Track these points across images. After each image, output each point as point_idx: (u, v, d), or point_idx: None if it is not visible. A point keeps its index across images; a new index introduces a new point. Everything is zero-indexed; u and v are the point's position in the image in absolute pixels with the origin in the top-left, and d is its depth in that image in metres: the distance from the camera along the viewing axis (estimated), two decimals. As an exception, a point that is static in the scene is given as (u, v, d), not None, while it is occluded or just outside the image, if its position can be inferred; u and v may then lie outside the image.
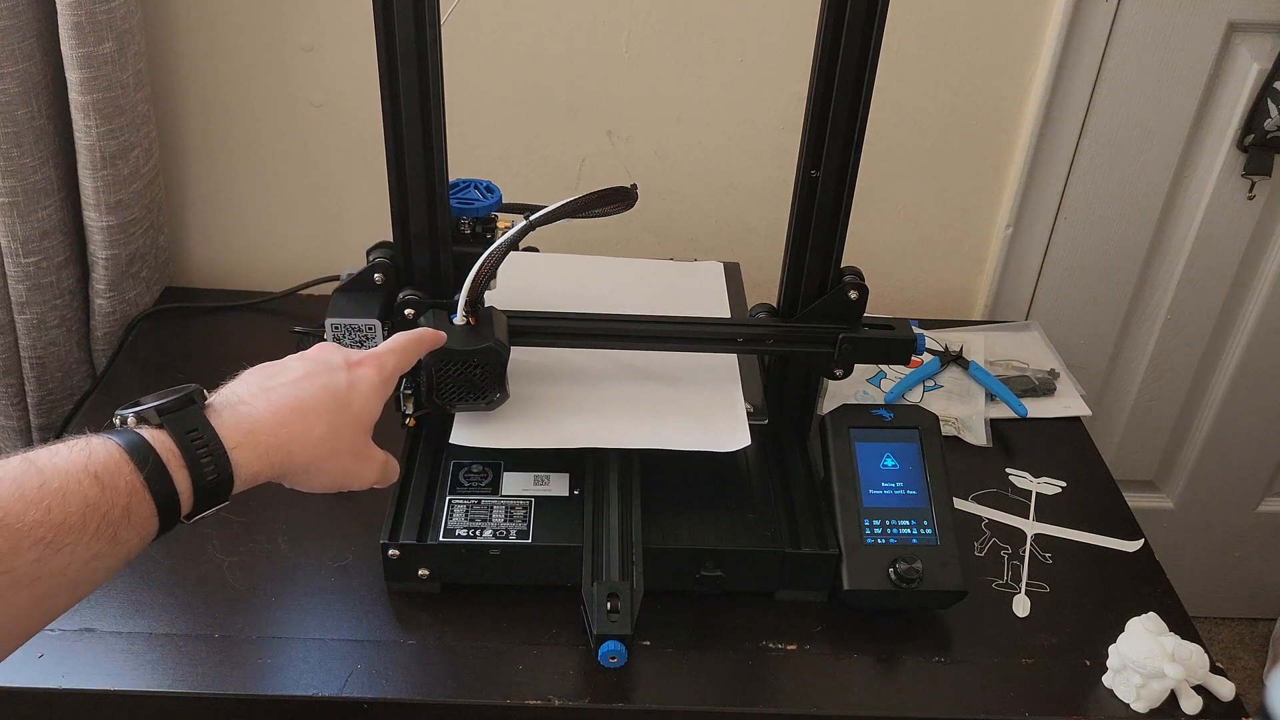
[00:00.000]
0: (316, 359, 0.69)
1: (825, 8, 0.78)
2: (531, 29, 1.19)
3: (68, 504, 0.53)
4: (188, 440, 0.59)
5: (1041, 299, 1.39)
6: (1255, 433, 1.53)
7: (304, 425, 0.64)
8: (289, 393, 0.65)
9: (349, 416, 0.68)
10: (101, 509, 0.54)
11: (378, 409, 0.71)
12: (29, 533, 0.51)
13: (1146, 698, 0.82)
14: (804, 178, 0.85)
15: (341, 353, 0.70)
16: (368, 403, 0.69)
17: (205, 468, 0.59)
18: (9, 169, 1.05)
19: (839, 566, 0.86)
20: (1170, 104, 1.25)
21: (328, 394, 0.67)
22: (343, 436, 0.67)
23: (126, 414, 0.60)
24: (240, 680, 0.79)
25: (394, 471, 0.74)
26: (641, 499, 0.87)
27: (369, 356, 0.71)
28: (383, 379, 0.71)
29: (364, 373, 0.70)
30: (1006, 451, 1.11)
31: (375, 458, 0.71)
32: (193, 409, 0.61)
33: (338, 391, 0.67)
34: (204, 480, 0.59)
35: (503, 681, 0.81)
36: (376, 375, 0.70)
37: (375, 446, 0.71)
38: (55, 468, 0.54)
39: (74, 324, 1.18)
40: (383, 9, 0.76)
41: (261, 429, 0.62)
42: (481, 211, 0.89)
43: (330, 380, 0.67)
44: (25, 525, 0.51)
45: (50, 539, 0.52)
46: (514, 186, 0.98)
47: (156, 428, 0.59)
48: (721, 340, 0.92)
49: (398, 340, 0.76)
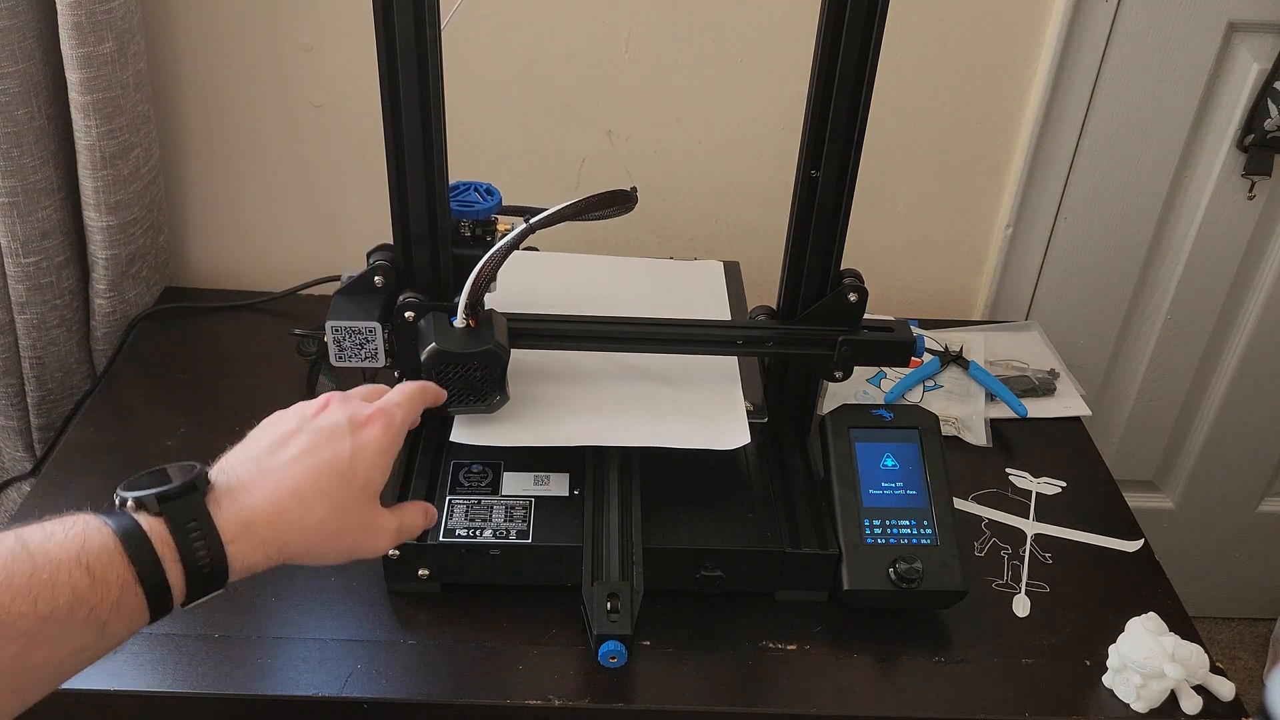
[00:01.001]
0: (320, 427, 0.66)
1: (825, 8, 0.78)
2: (531, 29, 1.19)
3: (56, 596, 0.51)
4: (185, 532, 0.57)
5: (1041, 299, 1.39)
6: (1255, 433, 1.53)
7: (302, 511, 0.62)
8: (288, 475, 0.63)
9: (353, 490, 0.65)
10: (91, 601, 0.53)
11: (386, 472, 0.68)
12: (13, 624, 0.50)
13: (1146, 698, 0.82)
14: (804, 178, 0.85)
15: (348, 410, 0.67)
16: (373, 470, 0.67)
17: (200, 561, 0.57)
18: (9, 169, 1.05)
19: (839, 566, 0.86)
20: (1170, 104, 1.25)
21: (329, 470, 0.64)
22: (347, 514, 0.65)
23: (126, 496, 0.58)
24: (240, 680, 0.79)
25: (414, 527, 0.72)
26: (641, 499, 0.87)
27: (377, 413, 0.68)
28: (391, 438, 0.68)
29: (370, 434, 0.67)
30: (1006, 451, 1.11)
31: (386, 527, 0.68)
32: (194, 497, 0.59)
33: (340, 465, 0.64)
34: (198, 574, 0.57)
35: (503, 681, 0.81)
36: (384, 435, 0.67)
37: (384, 513, 0.68)
38: (47, 555, 0.52)
39: (74, 324, 1.18)
40: (383, 9, 0.76)
41: (259, 519, 0.60)
42: (481, 214, 0.89)
43: (333, 453, 0.65)
44: (10, 617, 0.50)
45: (35, 631, 0.51)
46: (514, 186, 0.98)
47: (154, 515, 0.57)
48: (721, 342, 0.92)
49: (403, 392, 0.73)
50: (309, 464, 0.64)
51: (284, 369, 1.09)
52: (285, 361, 1.11)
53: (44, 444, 1.20)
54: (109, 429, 1.04)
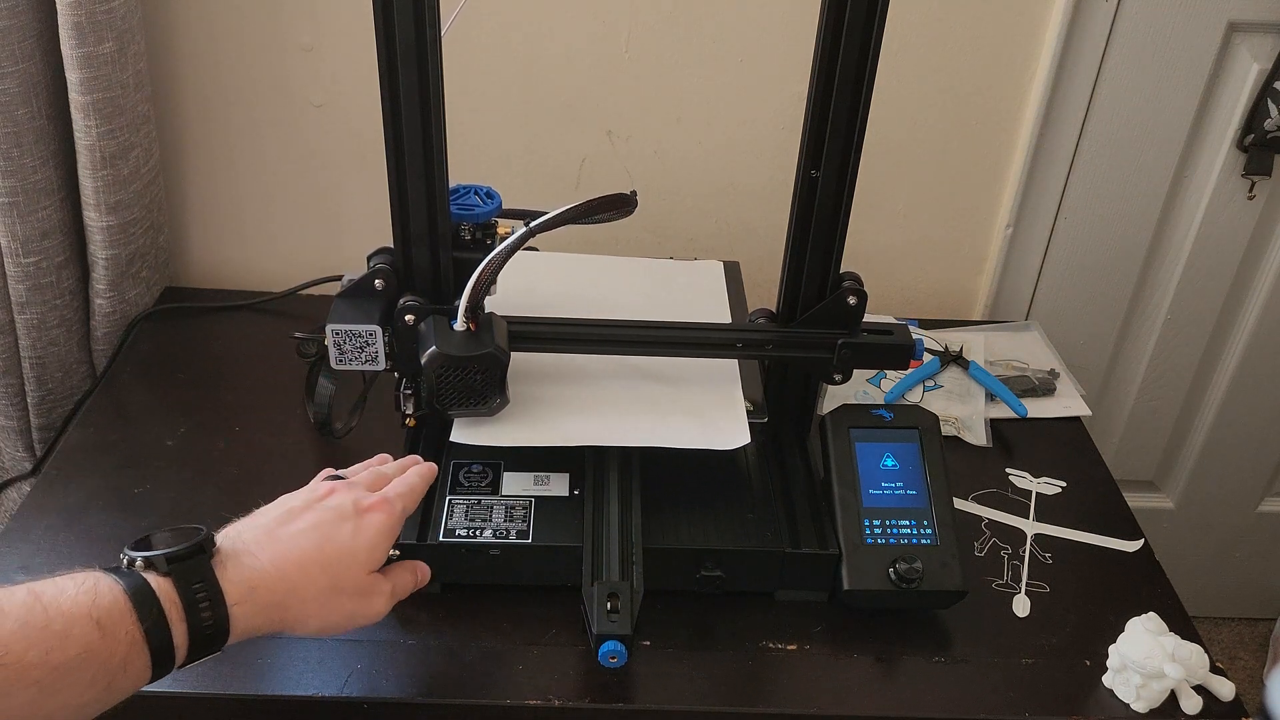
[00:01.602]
0: (328, 506, 0.70)
1: (825, 8, 0.78)
2: (531, 29, 1.19)
3: (68, 648, 0.53)
4: (191, 593, 0.60)
5: (1041, 299, 1.39)
6: (1255, 433, 1.53)
7: (305, 580, 0.66)
8: (295, 545, 0.67)
9: (354, 567, 0.69)
10: (101, 656, 0.55)
11: (385, 552, 0.72)
12: (27, 673, 0.52)
13: (1146, 698, 0.82)
14: (804, 178, 0.85)
15: (353, 496, 0.72)
16: (374, 550, 0.71)
17: (205, 622, 0.60)
18: (9, 169, 1.05)
19: (839, 566, 0.86)
20: (1170, 104, 1.25)
21: (333, 547, 0.68)
22: (344, 586, 0.69)
23: (136, 556, 0.60)
24: (240, 680, 0.79)
25: (405, 587, 0.75)
26: (641, 499, 0.87)
27: (380, 501, 0.72)
28: (391, 525, 0.72)
29: (374, 519, 0.71)
30: (1006, 451, 1.11)
31: (382, 591, 0.72)
32: (201, 559, 0.61)
33: (344, 543, 0.69)
34: (202, 634, 0.60)
35: (503, 681, 0.81)
36: (386, 520, 0.72)
37: (379, 577, 0.72)
38: (60, 609, 0.54)
39: (74, 324, 1.18)
40: (383, 9, 0.76)
41: (263, 584, 0.64)
42: (481, 217, 0.89)
43: (337, 531, 0.69)
44: (24, 666, 0.52)
45: (47, 682, 0.52)
46: (514, 186, 0.98)
47: (163, 575, 0.60)
48: (721, 346, 0.92)
49: (407, 482, 0.76)
50: (316, 538, 0.68)
51: (284, 369, 1.09)
52: (285, 362, 1.11)
53: (44, 444, 1.20)
54: (109, 429, 1.04)
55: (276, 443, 1.03)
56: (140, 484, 0.97)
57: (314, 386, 1.01)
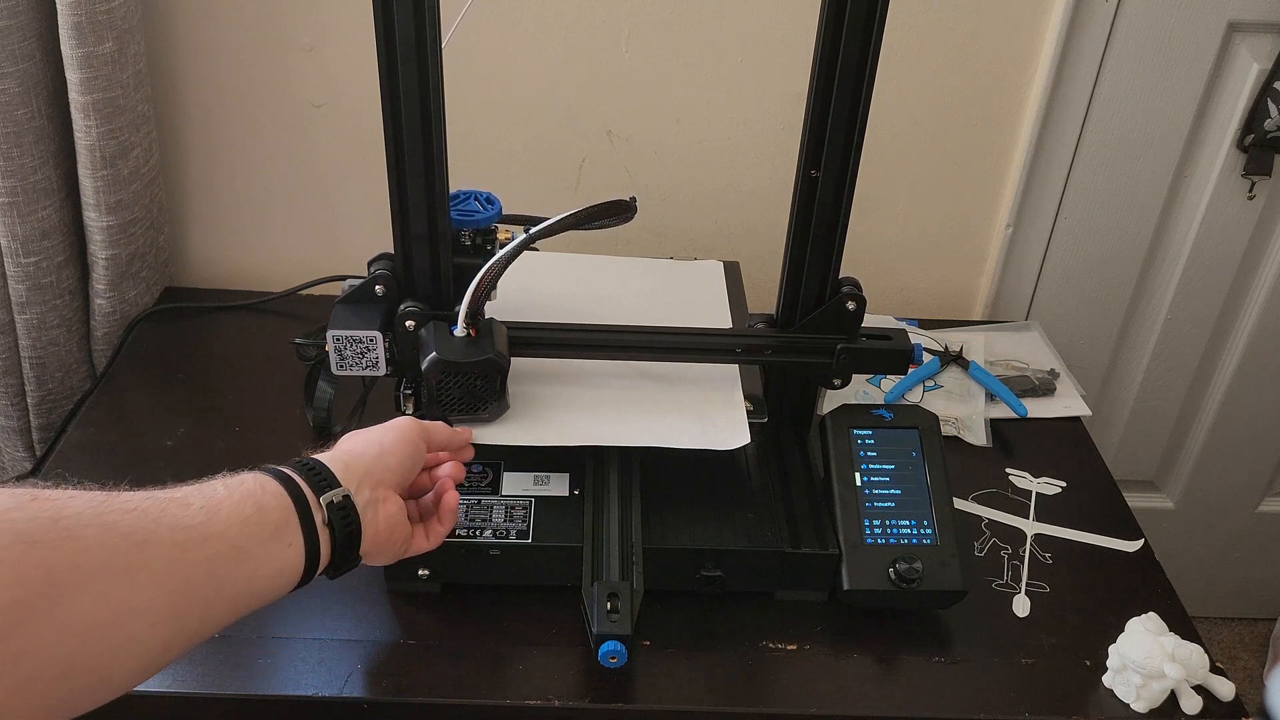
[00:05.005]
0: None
1: (825, 8, 0.78)
2: (531, 29, 1.19)
3: (252, 521, 0.63)
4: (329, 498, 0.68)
5: (1041, 299, 1.39)
6: (1255, 433, 1.53)
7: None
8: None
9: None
10: (274, 518, 0.63)
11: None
12: (225, 534, 0.61)
13: (1146, 698, 0.82)
14: (804, 178, 0.85)
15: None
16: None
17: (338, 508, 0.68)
18: (9, 169, 1.05)
19: (839, 566, 0.86)
20: (1170, 104, 1.25)
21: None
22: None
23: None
24: (240, 680, 0.79)
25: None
26: (641, 499, 0.87)
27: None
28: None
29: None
30: (1006, 451, 1.11)
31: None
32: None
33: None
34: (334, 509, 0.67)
35: (503, 681, 0.81)
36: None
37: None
38: (241, 485, 0.65)
39: (74, 324, 1.18)
40: (383, 9, 0.76)
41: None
42: (482, 223, 0.89)
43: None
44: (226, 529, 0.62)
45: (242, 544, 0.61)
46: (513, 187, 0.98)
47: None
48: (720, 351, 0.92)
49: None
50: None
51: (283, 369, 1.09)
52: (285, 362, 1.11)
53: (44, 444, 1.20)
54: (109, 429, 1.04)
55: (276, 443, 1.03)
56: (140, 484, 0.96)
57: (313, 390, 1.01)
